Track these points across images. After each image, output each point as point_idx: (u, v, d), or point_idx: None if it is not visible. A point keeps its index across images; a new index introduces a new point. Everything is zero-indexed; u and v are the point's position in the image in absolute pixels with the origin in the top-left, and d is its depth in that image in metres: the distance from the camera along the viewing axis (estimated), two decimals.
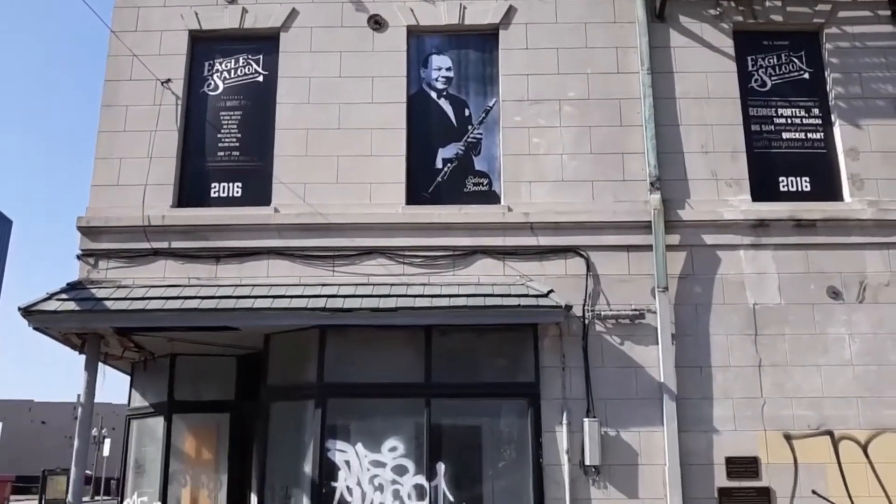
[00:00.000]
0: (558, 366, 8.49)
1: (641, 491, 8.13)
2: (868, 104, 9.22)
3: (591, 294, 8.70)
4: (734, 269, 8.72)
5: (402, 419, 8.43)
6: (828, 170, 9.15)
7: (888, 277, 8.66)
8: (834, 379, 8.38)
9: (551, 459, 8.23)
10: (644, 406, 8.34)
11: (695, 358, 8.48)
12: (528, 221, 8.87)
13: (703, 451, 8.22)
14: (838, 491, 8.09)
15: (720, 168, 9.01)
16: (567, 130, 9.21)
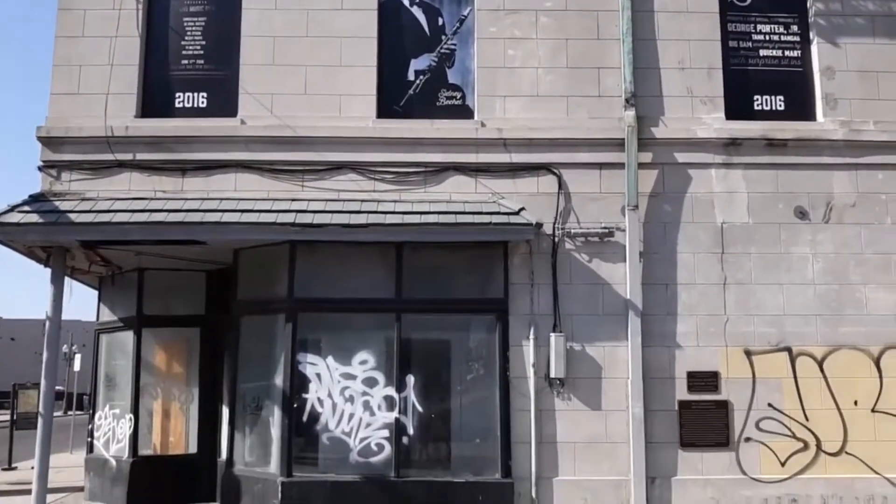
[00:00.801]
0: (527, 282, 8.57)
1: (604, 403, 8.40)
2: (847, 21, 9.08)
3: (561, 212, 8.70)
4: (704, 187, 8.75)
5: (373, 333, 8.54)
6: (802, 89, 9.09)
7: (854, 198, 8.77)
8: (795, 297, 8.58)
9: (518, 372, 8.43)
10: (610, 322, 8.50)
11: (661, 275, 8.61)
12: (501, 138, 8.76)
13: (665, 365, 8.47)
14: (793, 404, 8.43)
15: (696, 85, 8.90)
16: (543, 43, 8.98)
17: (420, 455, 8.42)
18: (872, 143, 8.79)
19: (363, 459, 8.27)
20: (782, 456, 8.34)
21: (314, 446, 8.42)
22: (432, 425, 8.46)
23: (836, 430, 8.39)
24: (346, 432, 8.30)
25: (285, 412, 8.32)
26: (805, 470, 8.34)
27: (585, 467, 8.29)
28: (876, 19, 9.08)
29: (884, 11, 9.09)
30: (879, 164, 8.80)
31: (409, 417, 8.38)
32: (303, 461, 8.36)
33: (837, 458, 8.36)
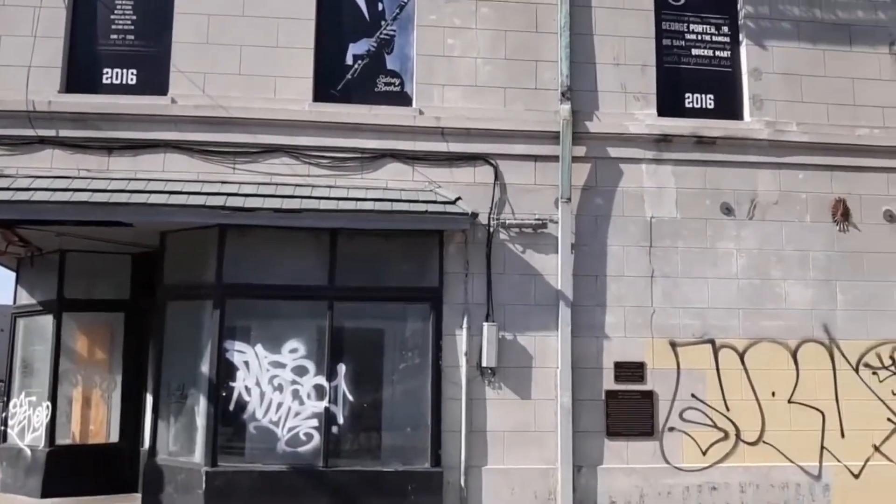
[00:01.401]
0: (462, 272, 8.59)
1: (534, 392, 8.49)
2: (774, 25, 9.39)
3: (497, 203, 8.74)
4: (635, 182, 8.92)
5: (304, 321, 8.41)
6: (731, 89, 9.35)
7: (777, 196, 9.08)
8: (720, 291, 8.85)
9: (450, 361, 8.44)
10: (541, 312, 8.59)
11: (592, 267, 8.74)
12: (439, 126, 8.73)
13: (593, 355, 8.61)
14: (715, 395, 8.69)
15: (630, 81, 9.06)
16: (483, 33, 8.98)
17: (350, 444, 8.35)
18: (795, 144, 9.12)
19: (291, 449, 8.15)
20: (704, 445, 8.59)
21: (241, 436, 8.26)
22: (363, 414, 8.39)
23: (754, 420, 8.69)
24: (274, 421, 8.17)
25: (211, 401, 8.12)
26: (725, 459, 8.61)
27: (514, 456, 8.37)
28: (801, 24, 9.41)
29: (808, 17, 9.43)
30: (801, 164, 9.14)
31: (340, 407, 8.29)
32: (229, 451, 8.18)
33: (755, 447, 8.67)
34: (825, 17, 9.48)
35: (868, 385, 8.91)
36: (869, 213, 9.16)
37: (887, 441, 8.85)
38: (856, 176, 9.20)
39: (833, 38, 9.44)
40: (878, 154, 9.24)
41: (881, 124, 9.33)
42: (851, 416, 8.80)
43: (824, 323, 8.92)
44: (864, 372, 8.92)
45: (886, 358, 8.98)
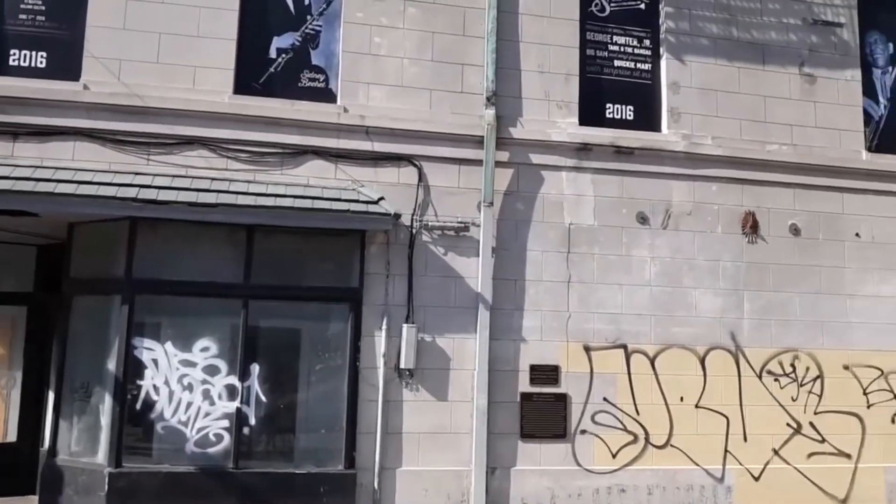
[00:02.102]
0: (383, 273, 8.54)
1: (451, 394, 8.51)
2: (693, 41, 9.69)
3: (420, 204, 8.73)
4: (555, 189, 9.06)
5: (218, 320, 8.19)
6: (650, 101, 9.60)
7: (691, 207, 9.38)
8: (633, 297, 9.07)
9: (368, 363, 8.38)
10: (460, 314, 8.62)
11: (511, 271, 8.83)
12: (363, 125, 8.65)
13: (510, 358, 8.70)
14: (626, 399, 8.91)
15: (553, 89, 9.19)
16: (410, 34, 8.95)
17: (262, 446, 8.18)
18: (709, 157, 9.43)
19: (200, 450, 7.94)
20: (614, 447, 8.80)
21: (148, 436, 7.98)
22: (276, 415, 8.24)
23: (663, 423, 8.94)
24: (182, 422, 7.93)
25: (117, 399, 7.83)
26: (634, 461, 8.83)
27: (429, 458, 8.37)
28: (718, 42, 9.74)
29: (725, 35, 9.77)
30: (714, 176, 9.46)
31: (252, 407, 8.12)
32: (134, 451, 7.90)
33: (663, 451, 8.92)
34: (741, 35, 9.84)
35: (770, 391, 9.29)
36: (776, 227, 9.56)
37: (786, 445, 9.25)
38: (765, 190, 9.59)
39: (748, 57, 9.81)
40: (786, 170, 9.65)
41: (790, 141, 9.75)
42: (754, 421, 9.16)
43: (731, 331, 9.27)
44: (767, 379, 9.31)
45: (787, 366, 9.39)
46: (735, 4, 9.86)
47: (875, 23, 10.45)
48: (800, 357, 9.41)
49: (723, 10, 9.80)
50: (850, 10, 10.24)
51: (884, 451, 9.48)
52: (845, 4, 10.24)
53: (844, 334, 9.56)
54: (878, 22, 10.47)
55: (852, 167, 9.86)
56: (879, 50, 10.51)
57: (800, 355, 9.41)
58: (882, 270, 9.79)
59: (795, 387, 9.36)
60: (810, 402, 9.38)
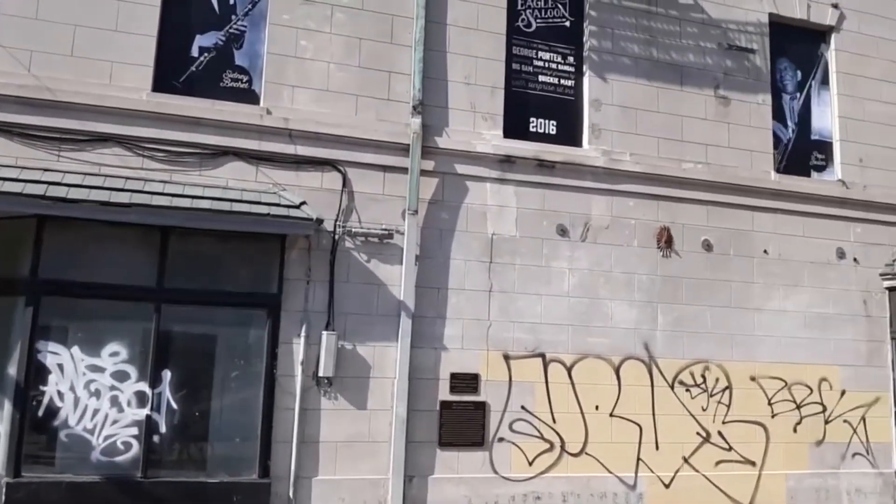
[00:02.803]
0: (303, 279, 8.42)
1: (370, 402, 8.46)
2: (616, 60, 9.98)
3: (344, 210, 8.66)
4: (479, 199, 9.15)
5: (128, 324, 7.91)
6: (573, 116, 9.82)
7: (609, 221, 9.63)
8: (552, 307, 9.23)
9: (286, 371, 8.24)
10: (382, 322, 8.59)
11: (434, 280, 8.86)
12: (287, 128, 8.53)
13: (431, 366, 8.71)
14: (543, 406, 9.04)
15: (479, 101, 9.29)
16: (337, 38, 8.90)
17: (173, 454, 7.93)
18: (627, 173, 9.71)
19: (107, 459, 7.63)
20: (531, 455, 8.90)
21: (51, 444, 7.62)
22: (189, 423, 8.01)
23: (578, 431, 9.11)
24: (88, 429, 7.61)
25: (18, 405, 7.44)
26: (550, 469, 8.96)
27: (346, 467, 8.29)
28: (639, 61, 10.06)
29: (646, 56, 10.10)
30: (632, 192, 9.74)
31: (163, 415, 7.87)
32: (36, 460, 7.54)
33: (578, 458, 9.08)
34: (661, 56, 10.19)
35: (681, 401, 9.60)
36: (689, 242, 9.91)
37: (695, 453, 9.55)
38: (680, 206, 9.93)
39: (667, 77, 10.16)
40: (699, 188, 10.02)
41: (704, 160, 10.14)
42: (665, 430, 9.44)
43: (645, 342, 9.54)
44: (679, 389, 9.61)
45: (698, 376, 9.72)
46: (656, 26, 10.21)
47: (785, 51, 11.00)
48: (710, 368, 9.76)
49: (644, 31, 10.13)
50: (762, 37, 10.75)
51: (785, 458, 9.92)
52: (758, 32, 10.74)
53: (751, 347, 9.98)
54: (787, 50, 11.02)
55: (762, 187, 10.33)
56: (788, 77, 11.06)
57: (710, 366, 9.76)
58: (786, 286, 10.28)
59: (705, 397, 9.70)
60: (719, 411, 9.73)
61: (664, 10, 10.26)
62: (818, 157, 10.95)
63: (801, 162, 10.84)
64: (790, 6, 10.96)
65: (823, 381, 10.26)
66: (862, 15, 11.36)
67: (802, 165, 10.83)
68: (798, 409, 10.09)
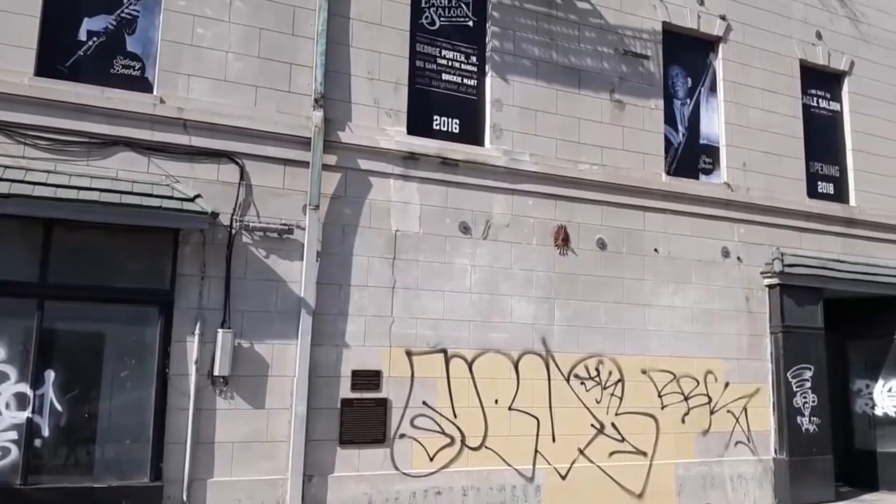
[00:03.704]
0: (198, 275, 8.15)
1: (268, 401, 8.28)
2: (517, 61, 10.17)
3: (241, 204, 8.44)
4: (383, 195, 9.12)
5: (7, 321, 7.43)
6: (475, 116, 9.95)
7: (509, 219, 9.80)
8: (454, 303, 9.32)
9: (179, 370, 7.95)
10: (281, 319, 8.43)
11: (336, 276, 8.77)
12: (181, 118, 8.23)
13: (332, 364, 8.62)
14: (445, 401, 9.11)
15: (383, 97, 9.26)
16: (236, 27, 8.66)
17: (57, 459, 7.52)
18: (527, 173, 9.92)
19: None
20: (431, 451, 8.95)
21: None
22: (74, 426, 7.60)
23: (478, 426, 9.24)
24: None
25: None
26: (450, 464, 9.03)
27: (243, 467, 8.08)
28: (539, 64, 10.29)
29: (546, 58, 10.34)
30: (531, 191, 9.95)
31: (46, 417, 7.44)
32: None
33: (478, 452, 9.21)
34: (560, 60, 10.46)
35: (577, 394, 9.89)
36: (585, 240, 10.23)
37: (590, 445, 9.87)
38: (576, 206, 10.23)
39: (565, 80, 10.44)
40: (595, 188, 10.35)
41: (599, 162, 10.49)
42: (562, 422, 9.71)
43: (543, 336, 9.77)
44: (574, 382, 9.90)
45: (592, 370, 10.05)
46: (556, 30, 10.47)
47: (677, 58, 11.52)
48: (604, 362, 10.11)
49: (545, 34, 10.37)
50: (656, 44, 11.22)
51: (674, 448, 10.40)
52: (652, 39, 11.20)
53: (643, 341, 10.40)
54: (679, 58, 11.55)
55: (653, 188, 10.78)
56: (680, 83, 11.60)
57: (604, 360, 10.11)
58: (675, 283, 10.77)
59: (599, 390, 10.04)
60: (612, 404, 10.09)
61: (564, 14, 10.55)
62: (706, 161, 11.54)
63: (690, 165, 11.39)
64: (682, 16, 11.49)
65: (709, 374, 10.82)
66: (747, 27, 12.06)
67: (691, 168, 11.39)
68: (686, 400, 10.60)
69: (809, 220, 12.06)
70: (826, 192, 12.57)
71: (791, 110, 12.30)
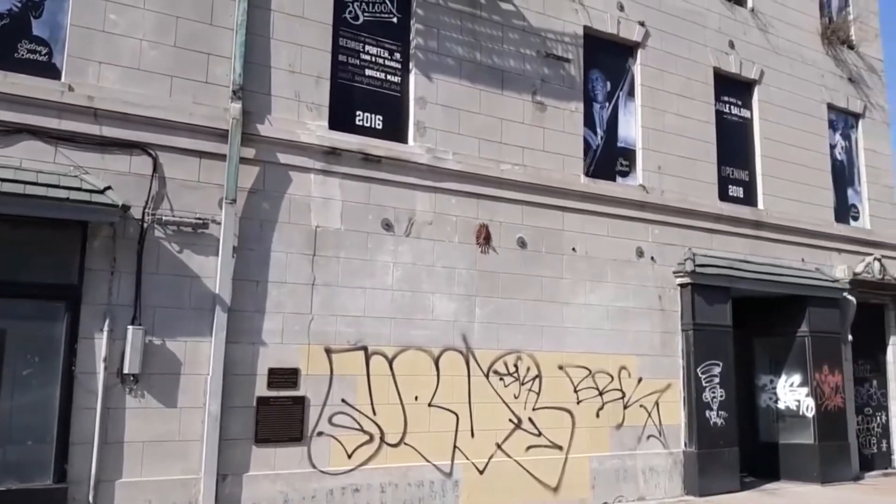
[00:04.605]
0: (107, 269, 7.86)
1: (181, 400, 8.07)
2: (441, 60, 10.21)
3: (154, 197, 8.19)
4: (303, 190, 9.01)
5: None
6: (399, 112, 9.94)
7: (432, 217, 9.84)
8: (375, 301, 9.29)
9: (87, 367, 7.66)
10: (196, 316, 8.23)
11: (254, 272, 8.62)
12: (91, 107, 7.92)
13: (248, 361, 8.47)
14: (364, 399, 9.08)
15: (304, 90, 9.15)
16: (152, 15, 8.39)
17: None
18: (450, 171, 9.98)
19: None
20: (350, 448, 8.91)
21: None
22: None
23: (398, 422, 9.25)
24: None
25: None
26: (369, 461, 9.01)
27: (154, 467, 7.85)
28: (463, 63, 10.37)
29: (470, 58, 10.42)
30: (454, 189, 10.02)
31: None
32: None
33: (397, 449, 9.22)
34: (484, 60, 10.56)
35: (496, 390, 10.03)
36: (506, 239, 10.37)
37: (508, 439, 10.03)
38: (497, 205, 10.35)
39: (488, 81, 10.55)
40: (516, 188, 10.51)
41: (521, 162, 10.65)
42: (480, 418, 9.82)
43: (463, 333, 9.86)
44: (493, 378, 10.03)
45: (511, 366, 10.20)
46: (480, 30, 10.57)
47: (597, 62, 11.80)
48: (522, 358, 10.28)
49: (469, 34, 10.45)
50: (577, 48, 11.46)
51: (589, 442, 10.67)
52: (573, 43, 11.44)
53: (560, 338, 10.63)
54: (599, 62, 11.83)
55: (572, 189, 11.02)
56: (599, 87, 11.89)
57: (522, 356, 10.28)
58: (591, 282, 11.05)
59: (518, 385, 10.20)
60: (530, 399, 10.28)
61: (488, 14, 10.65)
62: (623, 163, 11.88)
63: (607, 167, 11.69)
64: (603, 21, 11.78)
65: (623, 370, 11.15)
66: (664, 34, 12.46)
67: (609, 170, 11.69)
68: (600, 395, 10.89)
69: (720, 223, 12.57)
70: (736, 196, 13.13)
71: (705, 116, 12.79)
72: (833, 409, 13.27)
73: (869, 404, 14.83)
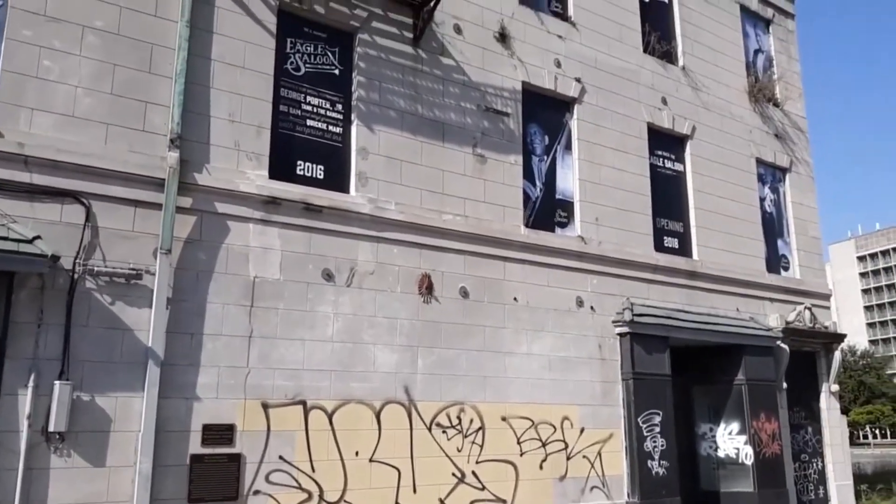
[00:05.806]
0: (34, 322, 7.53)
1: (110, 458, 7.69)
2: (382, 112, 10.30)
3: (86, 246, 7.93)
4: (241, 240, 8.87)
5: None
6: (341, 163, 9.94)
7: (374, 267, 9.79)
8: (314, 353, 9.11)
9: (9, 426, 7.26)
10: (127, 370, 7.91)
11: (188, 324, 8.37)
12: (22, 154, 7.68)
13: (181, 417, 8.15)
14: (303, 456, 8.81)
15: (244, 140, 9.09)
16: (88, 62, 8.25)
17: None
18: (392, 221, 9.98)
19: None
20: None
21: None
22: None
23: (338, 479, 8.99)
24: None
25: None
26: None
27: None
28: (405, 115, 10.48)
29: (411, 110, 10.55)
30: (396, 239, 10.01)
31: None
32: None
33: None
34: (425, 113, 10.71)
35: (438, 443, 9.87)
36: (448, 289, 10.36)
37: (451, 494, 9.84)
38: (440, 255, 10.37)
39: (430, 133, 10.68)
40: (458, 238, 10.57)
41: (462, 213, 10.73)
42: (423, 473, 9.63)
43: (406, 385, 9.73)
44: (436, 431, 9.88)
45: (454, 418, 10.08)
46: (421, 84, 10.73)
47: (535, 117, 12.10)
48: (465, 409, 10.18)
49: (410, 87, 10.60)
50: (516, 102, 11.73)
51: (533, 494, 10.55)
52: (512, 98, 11.71)
53: (503, 388, 10.58)
54: (537, 116, 12.13)
55: (513, 240, 11.14)
56: (538, 140, 12.15)
57: (465, 408, 10.19)
58: (533, 332, 11.10)
59: (461, 438, 10.07)
60: (473, 452, 10.14)
61: (429, 69, 10.85)
62: (561, 215, 12.09)
63: (546, 218, 11.88)
64: (541, 77, 12.11)
65: (565, 420, 11.14)
66: (600, 90, 12.88)
67: (548, 221, 11.88)
68: (543, 446, 10.83)
69: (657, 273, 12.86)
70: (671, 247, 13.48)
71: (640, 169, 13.18)
72: (771, 456, 13.49)
73: (805, 451, 15.13)
